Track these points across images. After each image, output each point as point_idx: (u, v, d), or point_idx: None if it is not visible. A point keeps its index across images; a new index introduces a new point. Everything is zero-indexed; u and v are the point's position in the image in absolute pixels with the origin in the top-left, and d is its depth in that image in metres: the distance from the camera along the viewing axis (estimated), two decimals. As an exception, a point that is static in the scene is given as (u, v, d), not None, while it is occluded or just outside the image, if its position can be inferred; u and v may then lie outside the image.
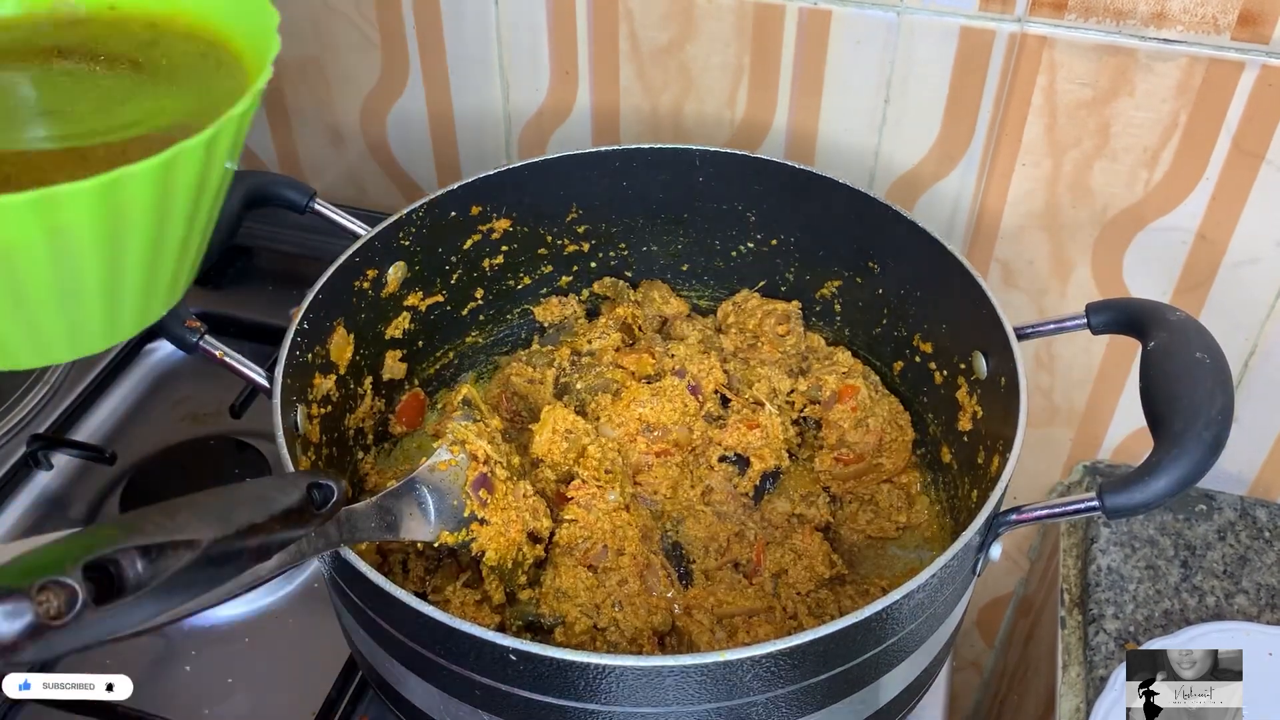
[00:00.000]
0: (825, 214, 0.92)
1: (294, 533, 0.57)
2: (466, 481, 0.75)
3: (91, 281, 0.54)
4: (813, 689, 0.64)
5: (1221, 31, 0.85)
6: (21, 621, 0.41)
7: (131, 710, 0.84)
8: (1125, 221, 0.97)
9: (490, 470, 0.76)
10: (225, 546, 0.51)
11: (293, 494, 0.58)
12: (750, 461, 0.88)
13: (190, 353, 0.77)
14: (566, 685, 0.61)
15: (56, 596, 0.42)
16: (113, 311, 0.57)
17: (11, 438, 1.07)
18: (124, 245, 0.53)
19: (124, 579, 0.45)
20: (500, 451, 0.78)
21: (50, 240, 0.49)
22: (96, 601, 0.44)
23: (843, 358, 0.95)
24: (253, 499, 0.56)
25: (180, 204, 0.54)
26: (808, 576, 0.82)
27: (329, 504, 0.59)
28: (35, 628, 0.41)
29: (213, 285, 1.20)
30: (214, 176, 0.55)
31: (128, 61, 0.60)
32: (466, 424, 0.78)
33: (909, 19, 0.92)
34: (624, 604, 0.76)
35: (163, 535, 0.48)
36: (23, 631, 0.41)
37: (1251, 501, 1.07)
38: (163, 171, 0.50)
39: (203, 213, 0.57)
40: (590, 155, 0.93)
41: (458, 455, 0.75)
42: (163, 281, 0.59)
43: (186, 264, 0.60)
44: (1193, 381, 0.67)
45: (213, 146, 0.53)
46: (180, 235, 0.56)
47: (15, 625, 0.41)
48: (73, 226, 0.49)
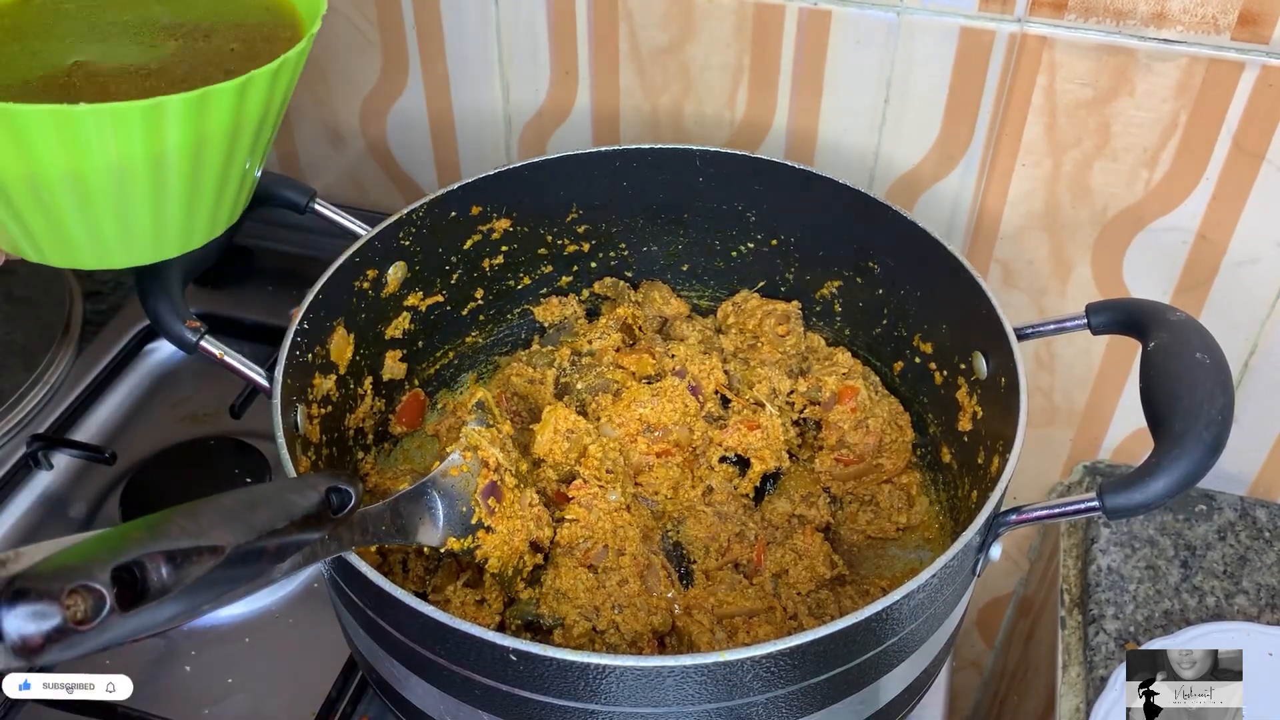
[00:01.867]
0: (825, 214, 0.92)
1: (309, 536, 0.57)
2: (477, 489, 0.75)
3: (177, 187, 0.65)
4: (813, 689, 0.64)
5: (1221, 31, 0.85)
6: (49, 624, 0.41)
7: (131, 710, 0.84)
8: (1125, 221, 0.97)
9: (500, 478, 0.76)
10: (247, 550, 0.51)
11: (311, 497, 0.58)
12: (751, 462, 0.88)
13: (190, 353, 0.77)
14: (567, 685, 0.61)
15: (84, 600, 0.43)
16: (189, 217, 0.69)
17: (11, 438, 1.07)
18: (205, 156, 0.65)
19: (148, 584, 0.46)
20: (510, 459, 0.78)
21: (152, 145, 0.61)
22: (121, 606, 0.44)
23: (843, 358, 0.95)
24: (273, 502, 0.56)
25: (249, 124, 0.66)
26: (808, 577, 0.82)
27: (346, 509, 0.60)
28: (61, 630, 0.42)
29: (213, 285, 1.20)
30: (274, 107, 0.68)
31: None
32: (480, 429, 0.78)
33: (909, 19, 0.92)
34: (623, 606, 0.76)
35: (188, 540, 0.48)
36: (48, 633, 0.41)
37: (1251, 501, 1.07)
38: (239, 91, 0.62)
39: (262, 141, 0.70)
40: (590, 155, 0.93)
41: (470, 461, 0.75)
42: (229, 195, 0.71)
43: (245, 187, 0.73)
44: (1193, 382, 0.67)
45: (277, 77, 0.65)
46: (245, 153, 0.68)
47: (42, 627, 0.41)
48: (172, 134, 0.62)
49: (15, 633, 0.41)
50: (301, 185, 0.88)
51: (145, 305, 0.77)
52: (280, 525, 0.54)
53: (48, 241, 0.67)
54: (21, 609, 0.41)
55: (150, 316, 0.77)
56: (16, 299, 1.22)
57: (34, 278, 1.24)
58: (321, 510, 0.58)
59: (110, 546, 0.45)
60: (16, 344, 1.15)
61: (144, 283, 0.77)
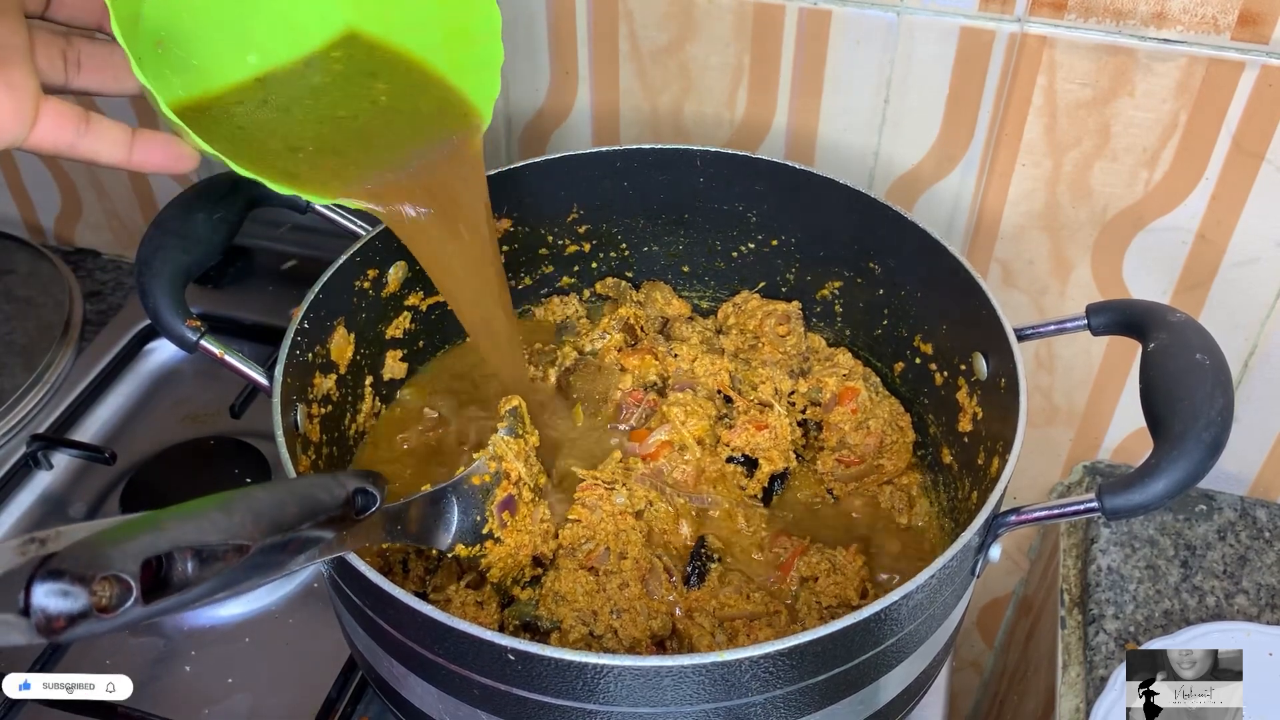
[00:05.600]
0: (825, 214, 0.92)
1: (328, 533, 0.58)
2: (495, 500, 0.75)
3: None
4: (811, 689, 0.64)
5: (1221, 31, 0.85)
6: (74, 605, 0.43)
7: (132, 710, 0.84)
8: (1125, 221, 0.97)
9: (518, 492, 0.77)
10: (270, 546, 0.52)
11: (339, 496, 0.59)
12: (759, 463, 0.88)
13: (190, 352, 0.77)
14: (565, 685, 0.61)
15: (112, 588, 0.44)
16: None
17: (11, 438, 1.07)
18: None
19: (172, 576, 0.47)
20: (531, 473, 0.79)
21: None
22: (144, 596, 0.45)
23: (843, 359, 0.95)
24: (303, 499, 0.57)
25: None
26: (835, 594, 0.80)
27: (369, 510, 0.61)
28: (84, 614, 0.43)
29: (213, 285, 1.20)
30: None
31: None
32: (508, 439, 0.78)
33: (909, 19, 0.92)
34: (622, 611, 0.76)
35: (218, 536, 0.49)
36: (73, 615, 0.43)
37: (1251, 501, 1.07)
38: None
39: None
40: (590, 155, 0.93)
41: (493, 470, 0.76)
42: None
43: None
44: (1193, 383, 0.67)
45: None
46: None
47: (69, 608, 0.43)
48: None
49: (42, 609, 0.42)
50: (302, 185, 0.88)
51: (145, 304, 0.77)
52: (305, 523, 0.55)
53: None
54: (52, 586, 0.42)
55: (150, 315, 0.77)
56: (16, 299, 1.22)
57: (34, 278, 1.25)
58: (345, 510, 0.59)
59: (144, 537, 0.47)
60: (16, 344, 1.16)
61: (144, 282, 0.77)
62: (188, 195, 0.82)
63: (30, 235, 1.36)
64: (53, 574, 0.43)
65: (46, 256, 1.26)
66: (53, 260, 1.26)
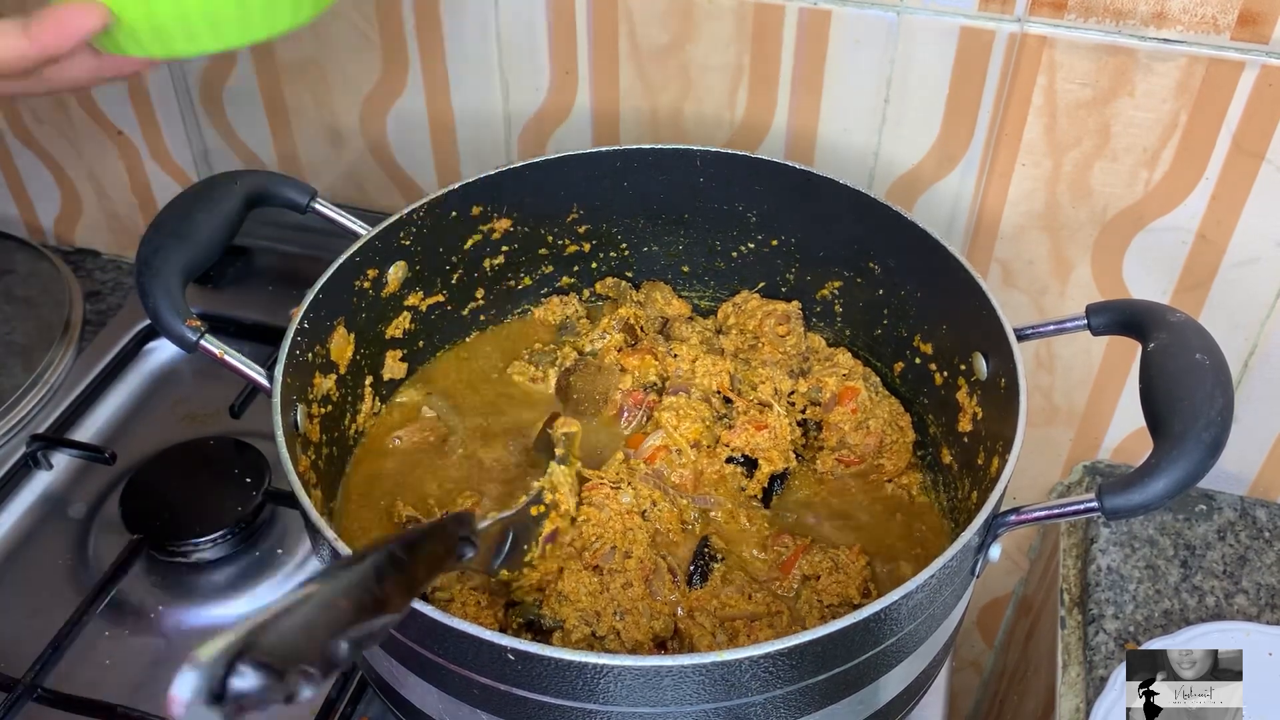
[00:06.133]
0: (825, 214, 0.92)
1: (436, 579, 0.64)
2: (543, 532, 0.76)
3: None
4: (811, 689, 0.64)
5: (1221, 31, 0.85)
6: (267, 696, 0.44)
7: (132, 711, 0.84)
8: (1125, 221, 0.97)
9: (564, 524, 0.78)
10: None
11: (448, 546, 0.64)
12: (758, 463, 0.88)
13: (190, 351, 0.77)
14: (565, 685, 0.61)
15: (299, 677, 0.46)
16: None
17: (11, 438, 1.07)
18: None
19: (337, 660, 0.49)
20: (573, 505, 0.80)
21: None
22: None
23: (843, 359, 0.95)
24: (427, 557, 0.61)
25: None
26: (837, 592, 0.80)
27: (464, 558, 0.66)
28: (270, 701, 0.44)
29: (213, 285, 1.20)
30: None
31: None
32: (564, 469, 0.80)
33: (909, 19, 0.92)
34: (625, 612, 0.76)
35: (380, 622, 0.53)
36: (257, 697, 0.44)
37: (1251, 501, 1.07)
38: None
39: None
40: (590, 155, 0.93)
41: (548, 501, 0.77)
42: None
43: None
44: (1192, 383, 0.67)
45: None
46: None
47: (260, 695, 0.44)
48: None
49: (237, 693, 0.43)
50: (302, 184, 0.87)
51: (145, 304, 0.77)
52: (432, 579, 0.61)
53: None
54: (254, 678, 0.44)
55: (150, 315, 0.77)
56: (16, 299, 1.22)
57: (34, 278, 1.25)
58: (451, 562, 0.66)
59: (324, 625, 0.49)
60: (16, 344, 1.16)
61: (144, 282, 0.77)
62: (188, 195, 0.82)
63: (30, 235, 1.36)
64: (259, 666, 0.44)
65: (46, 256, 1.26)
66: (52, 260, 1.26)
